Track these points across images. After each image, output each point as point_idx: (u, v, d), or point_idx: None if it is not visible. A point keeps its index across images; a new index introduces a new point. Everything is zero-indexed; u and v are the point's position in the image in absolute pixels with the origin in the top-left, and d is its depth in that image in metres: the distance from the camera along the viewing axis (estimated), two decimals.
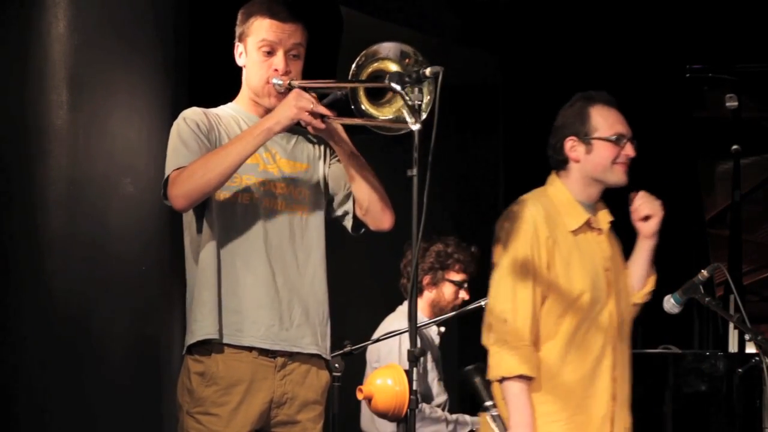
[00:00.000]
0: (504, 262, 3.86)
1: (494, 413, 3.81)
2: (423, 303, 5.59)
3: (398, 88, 3.32)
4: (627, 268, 4.04)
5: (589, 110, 3.94)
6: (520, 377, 3.78)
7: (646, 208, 3.98)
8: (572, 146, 3.94)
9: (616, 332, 3.92)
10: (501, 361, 3.79)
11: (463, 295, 5.63)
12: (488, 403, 3.82)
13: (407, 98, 3.31)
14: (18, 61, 4.49)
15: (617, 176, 3.95)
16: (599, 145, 3.91)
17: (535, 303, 3.82)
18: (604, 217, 4.02)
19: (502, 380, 3.81)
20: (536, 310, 3.82)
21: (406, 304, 5.50)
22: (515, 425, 3.77)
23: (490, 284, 3.92)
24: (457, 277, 5.63)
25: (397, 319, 5.48)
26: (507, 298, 3.83)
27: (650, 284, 4.06)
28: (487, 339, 3.85)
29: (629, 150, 3.93)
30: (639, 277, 4.04)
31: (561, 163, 3.98)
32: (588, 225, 3.95)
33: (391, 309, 5.64)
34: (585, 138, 3.92)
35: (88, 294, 4.46)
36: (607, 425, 3.87)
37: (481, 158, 8.13)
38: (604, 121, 3.93)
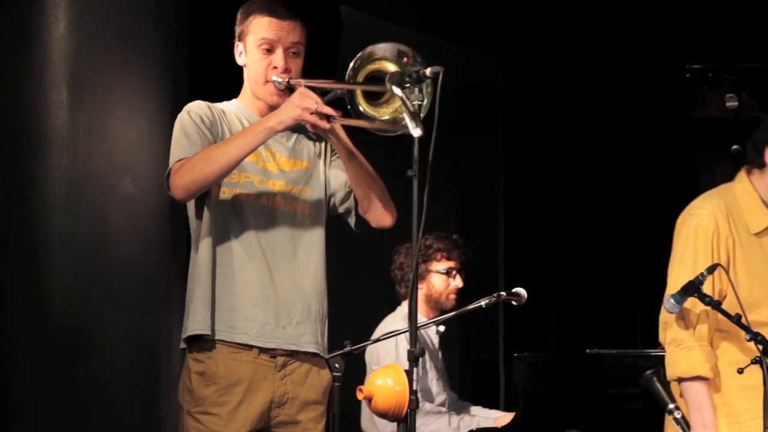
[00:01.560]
0: (683, 259, 3.83)
1: (677, 416, 3.78)
2: (418, 301, 5.59)
3: (400, 93, 3.31)
4: None
5: None
6: (698, 377, 3.74)
7: None
8: None
9: None
10: (678, 361, 3.76)
11: (457, 282, 5.62)
12: (671, 406, 3.80)
13: (408, 104, 3.29)
14: (18, 61, 4.48)
15: None
16: None
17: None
18: None
19: (679, 380, 3.78)
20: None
21: (404, 304, 5.52)
22: (696, 425, 3.74)
23: (668, 281, 3.87)
24: (441, 265, 5.62)
25: (395, 320, 5.49)
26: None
27: None
28: (664, 337, 3.82)
29: None
30: None
31: (758, 163, 3.94)
32: None
33: (392, 309, 5.65)
34: None
35: (87, 294, 4.46)
36: None
37: (481, 158, 8.12)
38: None
